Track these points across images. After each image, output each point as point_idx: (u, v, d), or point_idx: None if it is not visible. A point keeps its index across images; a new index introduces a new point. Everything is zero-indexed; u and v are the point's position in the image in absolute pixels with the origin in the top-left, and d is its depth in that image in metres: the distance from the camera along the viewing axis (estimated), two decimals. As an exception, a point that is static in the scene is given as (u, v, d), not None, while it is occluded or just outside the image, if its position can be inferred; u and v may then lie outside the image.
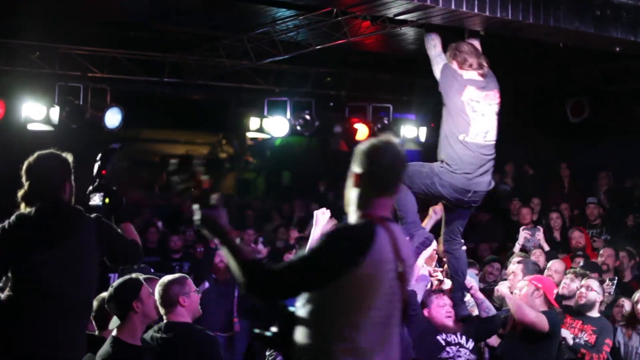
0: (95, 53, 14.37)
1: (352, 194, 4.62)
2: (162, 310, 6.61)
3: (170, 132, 22.89)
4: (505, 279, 9.64)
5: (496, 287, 9.03)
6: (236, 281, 4.27)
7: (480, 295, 7.96)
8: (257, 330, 4.52)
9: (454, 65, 7.69)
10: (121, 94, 15.23)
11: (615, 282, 9.97)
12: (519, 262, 9.56)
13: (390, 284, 4.30)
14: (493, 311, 7.95)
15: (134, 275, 6.62)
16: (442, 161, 7.48)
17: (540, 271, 9.63)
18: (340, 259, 4.20)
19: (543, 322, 7.98)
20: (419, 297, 7.58)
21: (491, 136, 7.55)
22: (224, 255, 4.31)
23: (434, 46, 7.95)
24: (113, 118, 14.69)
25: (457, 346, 7.52)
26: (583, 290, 8.92)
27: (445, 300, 7.72)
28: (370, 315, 4.24)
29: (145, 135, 22.22)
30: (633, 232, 13.92)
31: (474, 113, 7.40)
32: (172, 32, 14.06)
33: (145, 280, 6.65)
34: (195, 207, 4.37)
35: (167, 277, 6.75)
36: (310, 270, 4.23)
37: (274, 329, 4.42)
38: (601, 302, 9.23)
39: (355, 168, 4.63)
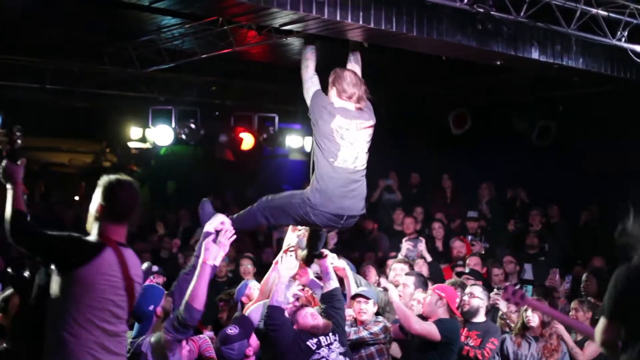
0: (-25, 58, 14.03)
1: (93, 219, 5.72)
2: None
3: (52, 140, 22.42)
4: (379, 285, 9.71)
5: (385, 290, 9.08)
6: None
7: (330, 268, 8.06)
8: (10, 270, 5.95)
9: (332, 92, 7.63)
10: (1, 100, 14.87)
11: (502, 289, 10.13)
12: (408, 274, 9.67)
13: (111, 293, 5.52)
14: (337, 283, 8.04)
15: None
16: (313, 189, 7.43)
17: (426, 282, 9.79)
18: (68, 254, 5.47)
19: (432, 332, 8.16)
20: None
21: (360, 162, 7.51)
22: (8, 200, 5.48)
23: (306, 67, 7.75)
24: (-8, 124, 14.35)
25: (328, 346, 7.59)
26: (466, 297, 9.07)
27: (307, 309, 7.80)
28: (86, 313, 5.42)
29: (25, 142, 21.71)
30: (514, 237, 14.23)
31: (342, 140, 7.34)
32: (56, 37, 13.79)
33: None
34: (3, 160, 5.67)
35: None
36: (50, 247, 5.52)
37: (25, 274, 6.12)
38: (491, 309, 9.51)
39: (98, 199, 5.70)
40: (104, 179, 5.75)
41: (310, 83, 7.58)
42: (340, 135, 7.30)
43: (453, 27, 9.52)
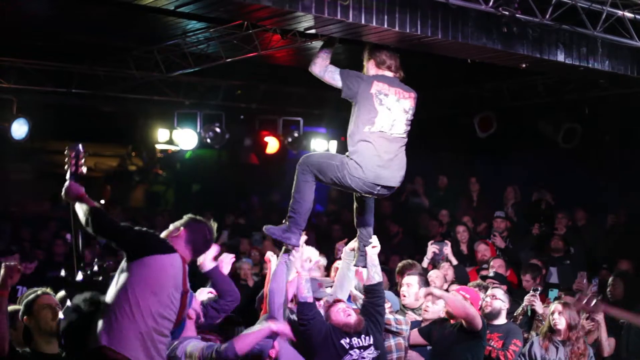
0: (1, 63, 14.11)
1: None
2: None
3: (79, 144, 22.52)
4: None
5: (428, 290, 9.07)
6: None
7: (377, 260, 8.12)
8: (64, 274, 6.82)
9: (369, 65, 7.80)
10: (28, 105, 14.97)
11: (539, 292, 10.12)
12: (411, 274, 9.66)
13: (173, 290, 6.11)
14: (381, 278, 8.10)
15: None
16: (348, 156, 7.52)
17: (427, 281, 9.84)
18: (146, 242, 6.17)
19: (478, 318, 8.27)
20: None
21: (397, 130, 7.58)
22: (82, 207, 6.21)
23: (315, 63, 7.91)
24: (19, 129, 14.43)
25: (361, 349, 7.61)
26: (488, 299, 9.09)
27: (340, 305, 7.84)
28: (147, 297, 5.96)
29: (52, 146, 21.83)
30: (538, 240, 14.16)
31: (380, 106, 7.44)
32: (81, 42, 13.87)
33: None
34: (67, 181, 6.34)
35: None
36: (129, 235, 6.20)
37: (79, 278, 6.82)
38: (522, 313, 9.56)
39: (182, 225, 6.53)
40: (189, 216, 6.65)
41: (330, 70, 7.81)
42: (379, 100, 7.42)
43: (478, 30, 9.48)
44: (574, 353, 8.86)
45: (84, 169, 6.42)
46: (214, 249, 7.39)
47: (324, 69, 7.81)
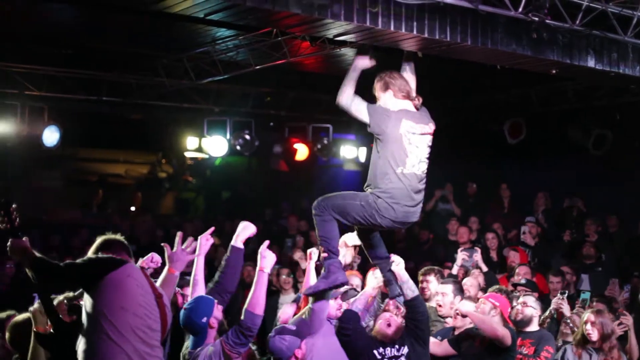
0: (33, 71, 14.21)
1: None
2: None
3: (109, 152, 22.71)
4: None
5: (456, 308, 9.02)
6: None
7: (405, 275, 8.02)
8: None
9: (386, 95, 7.64)
10: (59, 112, 15.08)
11: (566, 294, 10.07)
12: (445, 282, 9.58)
13: (143, 299, 5.95)
14: (416, 291, 8.00)
15: None
16: (377, 195, 7.41)
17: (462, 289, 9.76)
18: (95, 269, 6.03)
19: (507, 337, 8.15)
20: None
21: (423, 167, 7.54)
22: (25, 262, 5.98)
23: (342, 92, 7.75)
24: (51, 136, 14.53)
25: (391, 359, 7.64)
26: (519, 307, 9.05)
27: (385, 314, 7.92)
28: (120, 315, 5.81)
29: (83, 154, 22.02)
30: (569, 247, 14.08)
31: (409, 145, 7.36)
32: (112, 50, 13.96)
33: None
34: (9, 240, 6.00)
35: None
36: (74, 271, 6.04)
37: None
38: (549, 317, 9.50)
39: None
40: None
41: (356, 103, 7.62)
42: (408, 139, 7.36)
43: (508, 36, 9.45)
44: (608, 361, 8.81)
45: (17, 220, 6.16)
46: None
47: (350, 101, 7.64)
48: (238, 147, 17.18)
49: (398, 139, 7.34)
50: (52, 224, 18.02)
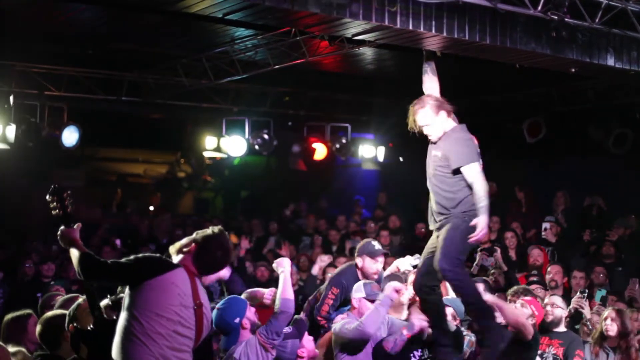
0: (53, 71, 14.28)
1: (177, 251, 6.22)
2: None
3: (128, 151, 22.76)
4: None
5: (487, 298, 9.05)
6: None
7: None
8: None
9: (441, 117, 7.87)
10: (78, 112, 15.13)
11: (586, 294, 10.02)
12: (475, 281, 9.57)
13: (180, 307, 5.85)
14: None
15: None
16: (466, 209, 8.44)
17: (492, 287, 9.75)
18: (140, 270, 5.92)
19: (529, 328, 8.11)
20: None
21: None
22: (74, 253, 5.92)
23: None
24: (70, 136, 14.54)
25: None
26: (549, 308, 8.98)
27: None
28: (154, 320, 5.76)
29: (102, 154, 22.10)
30: (588, 246, 14.01)
31: None
32: (131, 50, 14.00)
33: None
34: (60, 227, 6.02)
35: None
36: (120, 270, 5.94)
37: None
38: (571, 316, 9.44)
39: (198, 240, 6.19)
40: (211, 230, 6.30)
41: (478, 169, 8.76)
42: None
43: (527, 34, 9.43)
44: (624, 360, 8.77)
45: (71, 208, 6.12)
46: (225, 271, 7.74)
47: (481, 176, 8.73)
48: (257, 147, 17.20)
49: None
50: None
